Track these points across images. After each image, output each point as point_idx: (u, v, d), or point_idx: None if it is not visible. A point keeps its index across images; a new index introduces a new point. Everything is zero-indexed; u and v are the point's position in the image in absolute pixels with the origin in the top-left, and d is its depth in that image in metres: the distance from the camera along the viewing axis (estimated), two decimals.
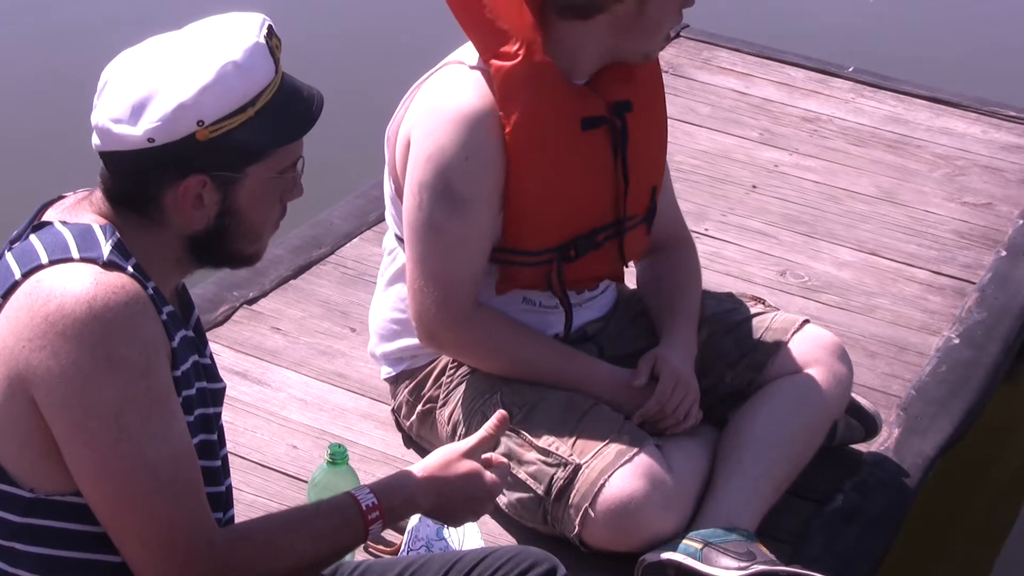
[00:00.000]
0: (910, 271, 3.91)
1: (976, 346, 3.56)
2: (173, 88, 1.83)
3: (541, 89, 2.69)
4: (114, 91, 1.87)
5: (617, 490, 2.62)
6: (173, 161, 1.86)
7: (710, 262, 3.87)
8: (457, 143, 2.67)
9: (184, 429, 1.89)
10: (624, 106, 2.77)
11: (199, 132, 1.84)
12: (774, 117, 4.71)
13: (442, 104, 2.71)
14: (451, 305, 2.74)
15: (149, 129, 1.84)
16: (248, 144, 1.88)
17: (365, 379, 3.26)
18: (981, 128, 4.72)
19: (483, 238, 2.74)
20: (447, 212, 2.69)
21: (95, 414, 1.80)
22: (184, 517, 1.86)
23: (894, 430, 3.20)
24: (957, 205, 4.26)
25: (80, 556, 1.91)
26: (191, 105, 1.83)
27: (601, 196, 2.81)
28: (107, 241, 1.87)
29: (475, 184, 2.69)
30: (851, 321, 3.66)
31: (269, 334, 3.42)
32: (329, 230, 3.86)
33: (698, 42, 5.16)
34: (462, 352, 2.85)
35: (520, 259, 2.78)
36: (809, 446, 2.88)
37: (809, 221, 4.12)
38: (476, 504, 2.08)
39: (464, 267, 2.74)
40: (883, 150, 4.55)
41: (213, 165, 1.87)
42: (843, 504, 2.97)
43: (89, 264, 1.83)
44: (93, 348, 1.79)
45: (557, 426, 2.71)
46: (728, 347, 2.93)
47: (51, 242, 1.87)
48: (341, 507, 1.98)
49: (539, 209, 2.75)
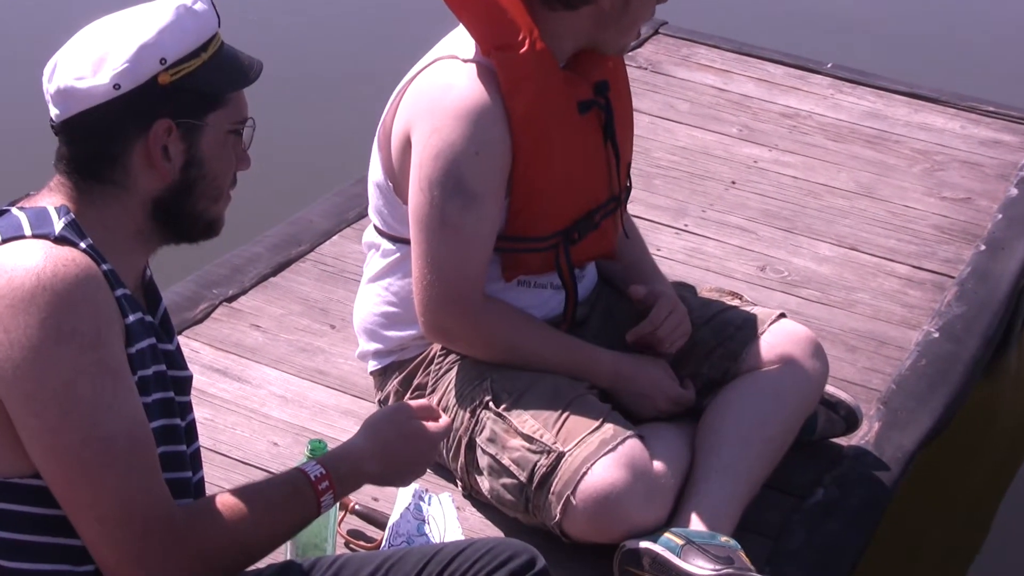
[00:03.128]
0: (890, 266, 3.92)
1: (956, 340, 3.57)
2: (131, 33, 1.90)
3: (543, 77, 2.72)
4: (69, 59, 1.92)
5: (599, 479, 2.62)
6: (137, 109, 1.90)
7: (689, 258, 3.88)
8: (465, 138, 2.68)
9: (138, 404, 1.89)
10: (604, 86, 2.83)
11: (161, 76, 1.90)
12: (753, 113, 4.72)
13: (444, 100, 2.71)
14: (462, 299, 2.76)
15: (115, 74, 1.89)
16: (205, 88, 1.94)
17: (345, 376, 3.26)
18: (960, 123, 4.73)
19: (494, 230, 2.77)
20: (460, 208, 2.71)
21: (45, 385, 1.81)
22: (140, 490, 1.86)
23: (874, 424, 3.20)
24: (936, 200, 4.27)
25: (39, 540, 1.90)
26: (153, 44, 1.90)
27: (599, 176, 2.86)
28: (60, 219, 1.89)
29: (486, 178, 2.71)
30: (831, 316, 3.66)
31: (249, 331, 3.41)
32: (308, 228, 3.86)
33: (677, 39, 5.17)
34: (471, 345, 2.85)
35: (527, 246, 2.81)
36: (785, 440, 2.89)
37: (789, 217, 4.13)
38: (419, 464, 2.18)
39: (476, 261, 2.76)
40: (862, 146, 4.56)
41: (176, 111, 1.93)
42: (823, 498, 2.97)
43: (40, 240, 1.85)
44: (43, 320, 1.80)
45: (543, 414, 2.71)
46: (705, 337, 2.95)
47: (5, 225, 1.89)
48: (290, 477, 2.02)
49: (547, 195, 2.78)
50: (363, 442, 2.11)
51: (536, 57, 2.70)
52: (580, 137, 2.80)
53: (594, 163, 2.85)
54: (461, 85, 2.71)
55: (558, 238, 2.82)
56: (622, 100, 2.90)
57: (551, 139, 2.74)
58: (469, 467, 2.81)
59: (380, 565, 2.11)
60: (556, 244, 2.82)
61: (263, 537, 1.97)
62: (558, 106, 2.75)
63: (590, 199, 2.85)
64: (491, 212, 2.74)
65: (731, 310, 2.99)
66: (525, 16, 2.71)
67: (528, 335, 2.83)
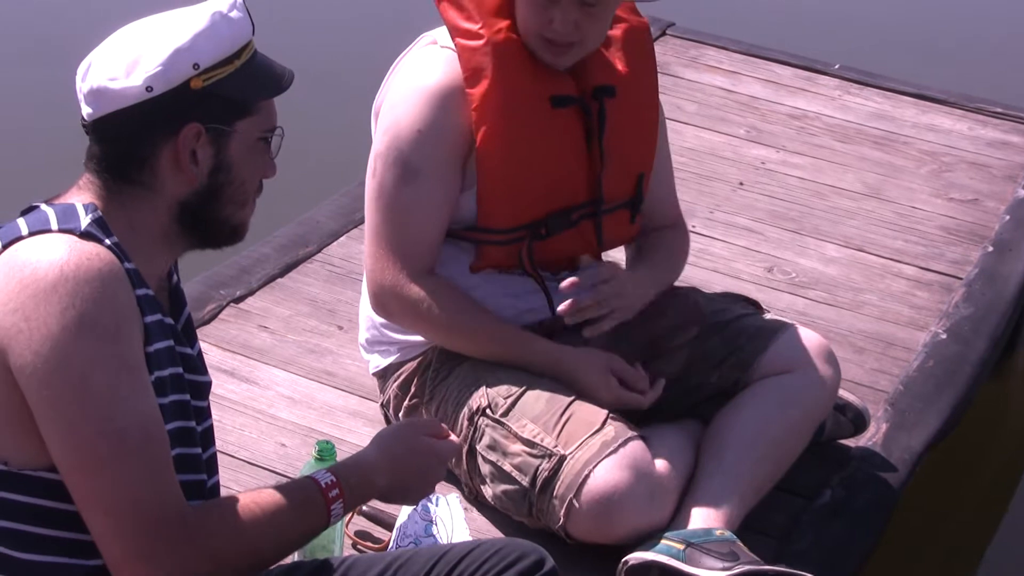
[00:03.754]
0: (897, 267, 3.92)
1: (963, 341, 3.57)
2: (166, 37, 1.91)
3: (506, 66, 2.74)
4: (103, 60, 1.93)
5: (602, 481, 2.62)
6: (168, 111, 1.92)
7: (697, 259, 3.88)
8: (411, 115, 2.74)
9: (154, 402, 1.89)
10: (605, 91, 2.82)
11: (193, 80, 1.91)
12: (761, 114, 4.72)
13: (407, 81, 2.79)
14: (399, 273, 2.78)
15: (147, 77, 1.90)
16: (236, 95, 1.95)
17: (353, 377, 3.26)
18: (967, 124, 4.73)
19: (433, 210, 2.77)
20: (397, 180, 2.76)
21: (63, 375, 1.82)
22: (152, 486, 1.86)
23: (882, 425, 3.20)
24: (944, 201, 4.27)
25: (50, 533, 1.91)
26: (187, 48, 1.91)
27: (573, 175, 2.84)
28: (87, 216, 1.90)
29: (425, 155, 2.74)
30: (838, 317, 3.66)
31: (257, 332, 3.42)
32: (316, 228, 3.86)
33: (685, 40, 5.17)
34: (406, 319, 2.86)
35: (492, 237, 2.81)
36: (793, 447, 2.88)
37: (796, 218, 4.13)
38: (427, 481, 2.16)
39: (412, 236, 2.78)
40: (870, 147, 4.56)
41: (207, 116, 1.94)
42: (831, 499, 2.97)
43: (66, 234, 1.87)
44: (63, 310, 1.81)
45: (542, 417, 2.71)
46: (715, 346, 2.93)
47: (33, 219, 1.91)
48: (302, 484, 2.02)
49: (507, 186, 2.78)
50: (373, 455, 2.11)
51: (501, 47, 2.73)
52: (553, 131, 2.80)
53: (570, 161, 2.83)
54: (427, 68, 2.77)
55: (523, 231, 2.82)
56: (632, 110, 2.87)
57: (513, 129, 2.75)
58: (472, 474, 2.81)
59: (388, 566, 2.11)
60: (521, 238, 2.82)
61: (272, 541, 1.97)
62: (522, 97, 2.76)
63: (563, 197, 2.84)
64: (431, 191, 2.76)
65: (744, 318, 2.97)
66: (504, 8, 2.75)
67: (467, 317, 2.82)
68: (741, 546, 2.62)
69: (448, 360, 2.87)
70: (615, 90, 2.83)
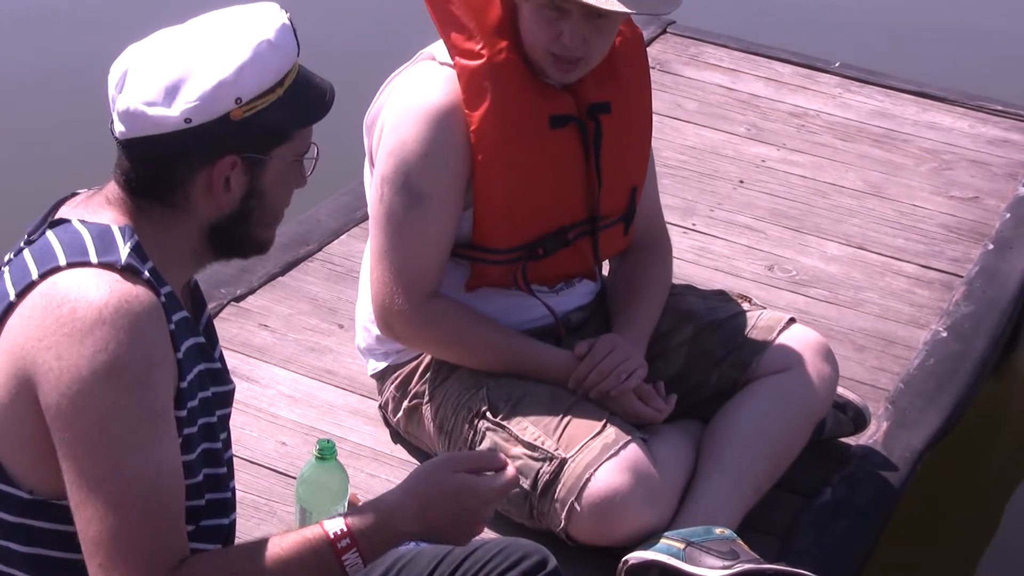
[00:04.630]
0: (898, 265, 3.91)
1: (964, 339, 3.57)
2: (210, 67, 1.85)
3: (506, 87, 2.71)
4: (141, 76, 1.87)
5: (603, 484, 2.62)
6: (205, 142, 1.87)
7: (698, 257, 3.88)
8: (418, 139, 2.70)
9: (175, 451, 1.87)
10: (600, 107, 2.79)
11: (234, 111, 1.86)
12: (761, 112, 4.71)
13: (408, 100, 2.74)
14: (406, 297, 2.76)
15: (186, 109, 1.84)
16: (276, 124, 1.90)
17: (353, 375, 3.26)
18: (968, 122, 4.73)
19: (440, 233, 2.76)
20: (404, 206, 2.73)
21: (83, 418, 1.80)
22: (148, 538, 1.82)
23: (882, 423, 3.20)
24: (944, 199, 4.27)
25: (74, 558, 1.90)
26: (231, 82, 1.85)
27: (572, 194, 2.82)
28: (125, 244, 1.86)
29: (433, 180, 2.72)
30: (839, 315, 3.66)
31: (257, 331, 3.42)
32: (316, 227, 3.86)
33: (685, 38, 5.17)
34: (416, 343, 2.87)
35: (489, 256, 2.80)
36: (792, 445, 2.88)
37: (797, 216, 4.13)
38: (469, 524, 1.98)
39: (420, 260, 2.76)
40: (870, 145, 4.55)
41: (243, 146, 1.89)
42: (831, 498, 2.97)
43: (106, 270, 1.83)
44: (95, 354, 1.79)
45: (542, 420, 2.71)
46: (714, 346, 2.93)
47: (69, 242, 1.87)
48: (310, 537, 1.89)
49: (507, 206, 2.76)
50: (401, 497, 1.95)
51: (497, 67, 2.69)
52: (552, 151, 2.77)
53: (569, 180, 2.81)
54: (427, 87, 2.73)
55: (520, 252, 2.80)
56: (627, 125, 2.85)
57: (512, 150, 2.73)
58: None
59: (392, 566, 2.11)
60: (517, 259, 2.80)
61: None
62: (521, 117, 2.73)
63: (561, 215, 2.82)
64: (438, 215, 2.73)
65: (740, 316, 2.97)
66: (497, 24, 2.70)
67: (474, 336, 2.81)
68: (741, 544, 2.62)
69: (446, 363, 2.86)
70: (610, 106, 2.80)
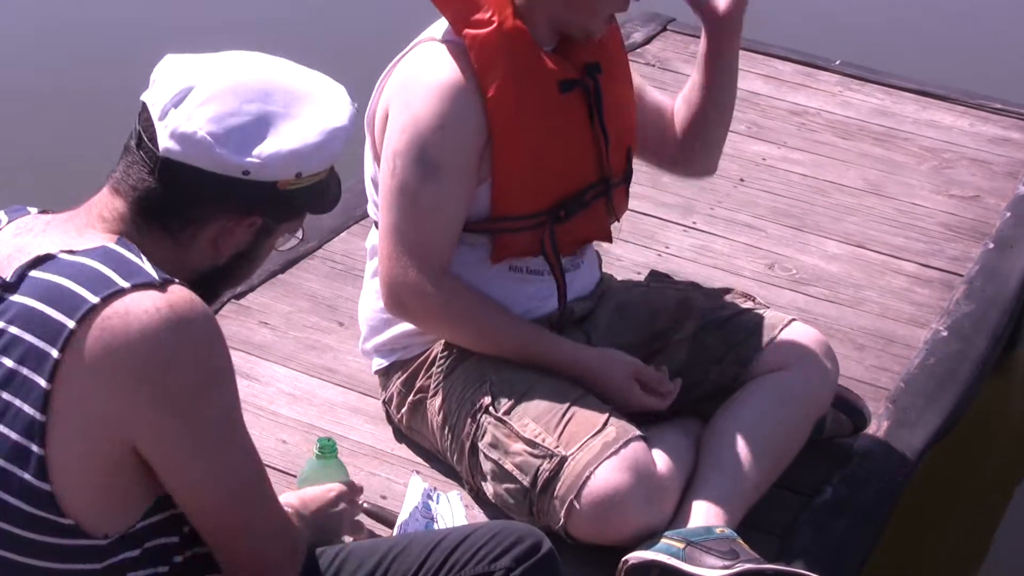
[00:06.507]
0: (898, 264, 3.91)
1: (964, 338, 3.57)
2: (290, 134, 1.86)
3: (517, 55, 2.73)
4: (213, 105, 1.84)
5: (602, 483, 2.62)
6: (245, 197, 1.87)
7: (698, 255, 3.88)
8: (431, 113, 2.70)
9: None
10: (594, 68, 2.82)
11: (284, 181, 1.87)
12: (761, 110, 4.71)
13: (417, 77, 2.75)
14: (420, 272, 2.75)
15: (252, 163, 1.84)
16: (303, 204, 1.94)
17: (354, 373, 3.26)
18: (968, 121, 4.73)
19: (455, 208, 2.75)
20: (419, 178, 2.72)
21: (208, 422, 1.84)
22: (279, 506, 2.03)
23: (883, 423, 3.20)
24: (944, 198, 4.27)
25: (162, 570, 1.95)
26: (302, 157, 1.87)
27: (584, 156, 2.84)
28: (138, 258, 1.84)
29: (448, 152, 2.71)
30: (839, 314, 3.66)
31: (257, 328, 3.42)
32: (316, 224, 3.83)
33: (685, 36, 5.15)
34: (427, 320, 2.85)
35: (512, 225, 2.80)
36: (792, 443, 2.88)
37: (797, 214, 4.12)
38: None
39: (435, 234, 2.76)
40: (870, 143, 4.55)
41: (270, 212, 1.92)
42: (832, 497, 2.96)
43: (145, 291, 1.79)
44: (195, 367, 1.81)
45: (544, 417, 2.70)
46: (715, 343, 2.93)
47: (88, 278, 1.80)
48: None
49: (527, 173, 2.77)
50: None
51: (509, 35, 2.72)
52: (563, 116, 2.80)
53: (580, 143, 2.83)
54: (433, 64, 2.74)
55: (543, 217, 2.81)
56: (617, 84, 2.89)
57: (528, 117, 2.75)
58: (473, 471, 2.81)
59: (385, 555, 2.11)
60: (542, 223, 2.81)
61: None
62: (535, 84, 2.75)
63: (577, 179, 2.85)
64: (453, 188, 2.73)
65: (742, 314, 2.97)
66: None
67: (486, 316, 2.81)
68: (742, 544, 2.62)
69: (453, 356, 2.86)
70: (600, 65, 2.83)
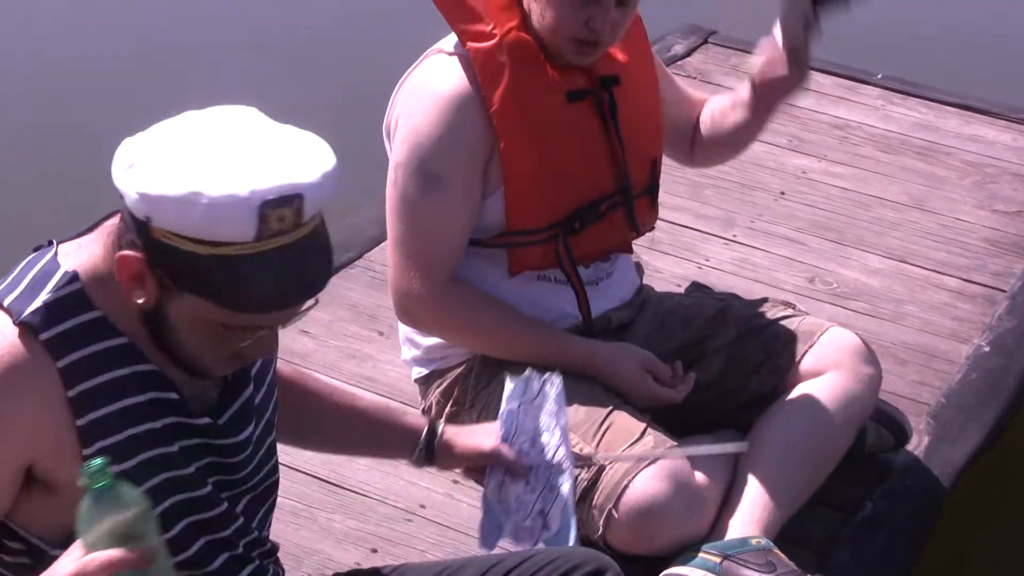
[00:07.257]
0: (940, 278, 3.89)
1: (1007, 354, 3.55)
2: (158, 173, 1.71)
3: (521, 65, 2.74)
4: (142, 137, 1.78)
5: (640, 492, 2.61)
6: (133, 229, 1.75)
7: (738, 268, 3.87)
8: (431, 123, 2.73)
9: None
10: (611, 80, 2.83)
11: (152, 227, 1.72)
12: (803, 124, 4.70)
13: (421, 89, 2.78)
14: (424, 282, 2.77)
15: (121, 188, 1.74)
16: (190, 273, 1.72)
17: (394, 383, 3.26)
18: (1011, 135, 4.70)
19: (457, 217, 2.77)
20: (420, 189, 2.74)
21: None
22: None
23: (924, 438, 3.18)
24: (987, 213, 4.25)
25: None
26: (151, 200, 1.70)
27: (597, 167, 2.84)
28: (52, 293, 1.79)
29: (447, 163, 2.73)
30: (881, 328, 3.64)
31: (298, 337, 3.42)
32: (357, 234, 3.86)
33: (726, 48, 5.15)
34: (436, 329, 2.87)
35: (526, 239, 2.81)
36: (833, 452, 2.86)
37: (838, 228, 4.11)
38: None
39: (437, 245, 2.78)
40: (913, 157, 4.53)
41: (157, 261, 1.74)
42: (871, 512, 2.95)
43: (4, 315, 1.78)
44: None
45: (581, 427, 2.70)
46: (753, 350, 2.93)
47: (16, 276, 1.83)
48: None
49: (536, 184, 2.78)
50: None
51: (511, 45, 2.73)
52: (569, 126, 2.80)
53: (593, 153, 2.83)
54: (438, 76, 2.76)
55: (557, 229, 2.81)
56: (640, 95, 2.89)
57: (535, 127, 2.76)
58: None
59: (439, 574, 2.11)
60: (556, 235, 2.81)
61: None
62: (542, 94, 2.76)
63: (591, 189, 2.84)
64: (454, 198, 2.75)
65: (781, 321, 2.97)
66: (504, 5, 2.75)
67: (495, 321, 2.82)
68: (778, 554, 2.61)
69: (490, 367, 2.86)
70: (619, 78, 2.84)
